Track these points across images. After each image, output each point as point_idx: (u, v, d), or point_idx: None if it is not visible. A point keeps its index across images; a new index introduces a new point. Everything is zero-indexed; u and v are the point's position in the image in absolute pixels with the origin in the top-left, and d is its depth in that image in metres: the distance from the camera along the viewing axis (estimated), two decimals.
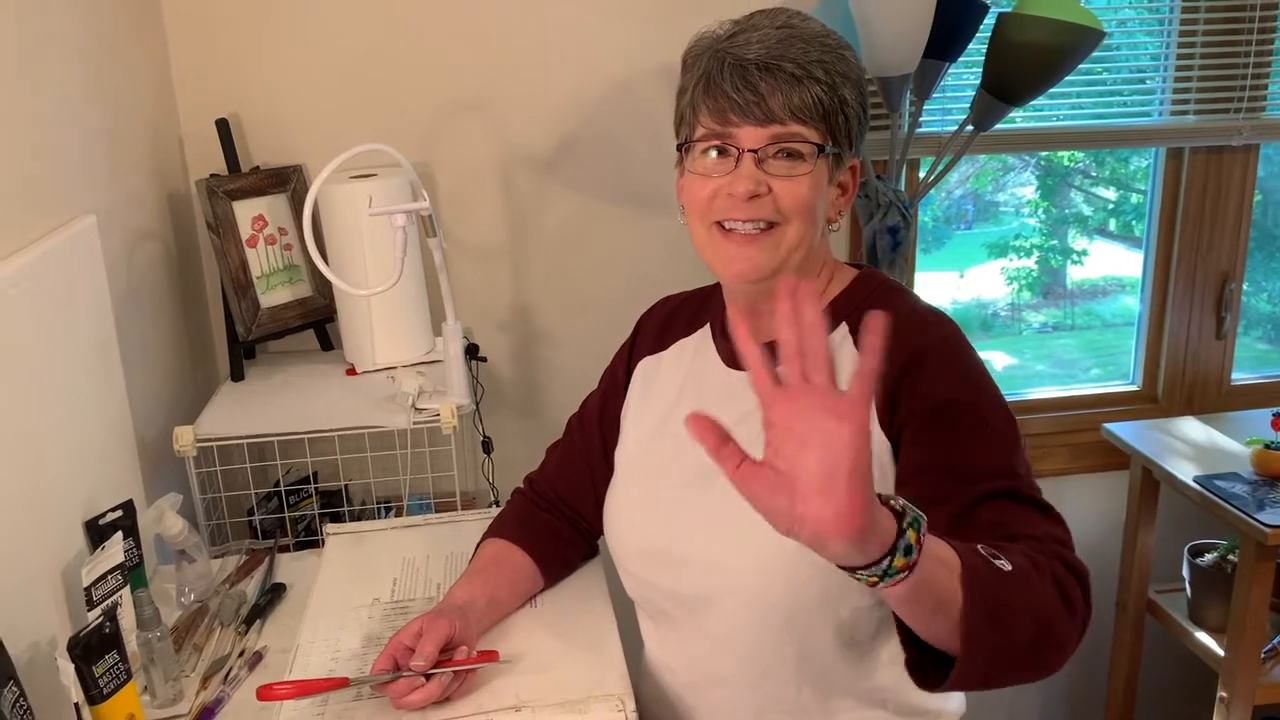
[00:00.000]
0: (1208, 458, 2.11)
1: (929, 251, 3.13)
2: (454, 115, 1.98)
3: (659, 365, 1.29)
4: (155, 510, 1.43)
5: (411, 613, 1.24)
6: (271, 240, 1.88)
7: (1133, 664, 2.32)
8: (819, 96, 1.05)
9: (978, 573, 0.86)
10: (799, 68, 1.04)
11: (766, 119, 1.05)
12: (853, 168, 1.13)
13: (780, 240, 1.08)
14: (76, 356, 1.37)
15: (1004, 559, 0.89)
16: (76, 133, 1.48)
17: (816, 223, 1.10)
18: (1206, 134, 2.24)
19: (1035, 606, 0.89)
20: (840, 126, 1.07)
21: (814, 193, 1.07)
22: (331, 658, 1.16)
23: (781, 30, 1.07)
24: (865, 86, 1.11)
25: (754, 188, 1.06)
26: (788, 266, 1.09)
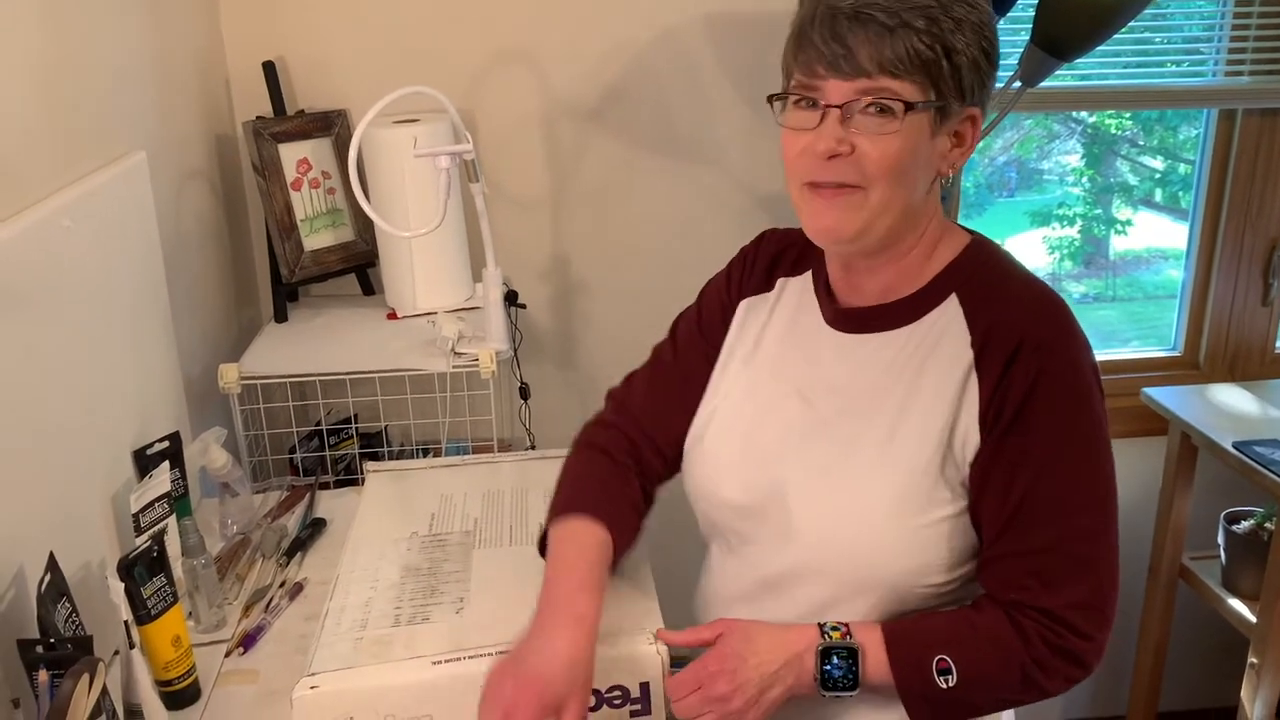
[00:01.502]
0: (1248, 424, 2.08)
1: (970, 218, 3.09)
2: (498, 62, 1.98)
3: (763, 306, 1.22)
4: (200, 443, 1.46)
5: (449, 546, 1.26)
6: (316, 184, 1.89)
7: (1163, 629, 2.31)
8: (913, 47, 0.97)
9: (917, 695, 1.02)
10: (891, 16, 0.96)
11: (854, 72, 0.98)
12: (972, 117, 1.03)
13: (864, 203, 1.02)
14: (126, 290, 1.40)
15: (952, 672, 1.01)
16: (129, 71, 1.50)
17: (910, 183, 1.02)
18: (1261, 95, 2.19)
19: (983, 702, 1.04)
20: (946, 77, 0.99)
21: (904, 152, 0.99)
22: (370, 586, 1.19)
23: None
24: (989, 30, 1.01)
25: (834, 146, 1.00)
26: (874, 230, 1.03)
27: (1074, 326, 1.04)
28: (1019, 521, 1.01)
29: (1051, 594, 1.00)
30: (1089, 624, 1.00)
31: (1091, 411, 1.02)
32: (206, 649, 1.26)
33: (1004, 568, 1.03)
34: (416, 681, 1.05)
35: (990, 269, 1.09)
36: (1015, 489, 1.01)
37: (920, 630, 1.04)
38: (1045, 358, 1.00)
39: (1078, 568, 1.01)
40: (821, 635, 1.04)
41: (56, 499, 1.16)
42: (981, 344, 1.03)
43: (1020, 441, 1.01)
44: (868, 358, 1.10)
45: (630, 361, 1.53)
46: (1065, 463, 1.01)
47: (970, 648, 1.01)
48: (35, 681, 0.96)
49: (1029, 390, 1.00)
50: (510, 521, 1.32)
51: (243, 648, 1.27)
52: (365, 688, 1.04)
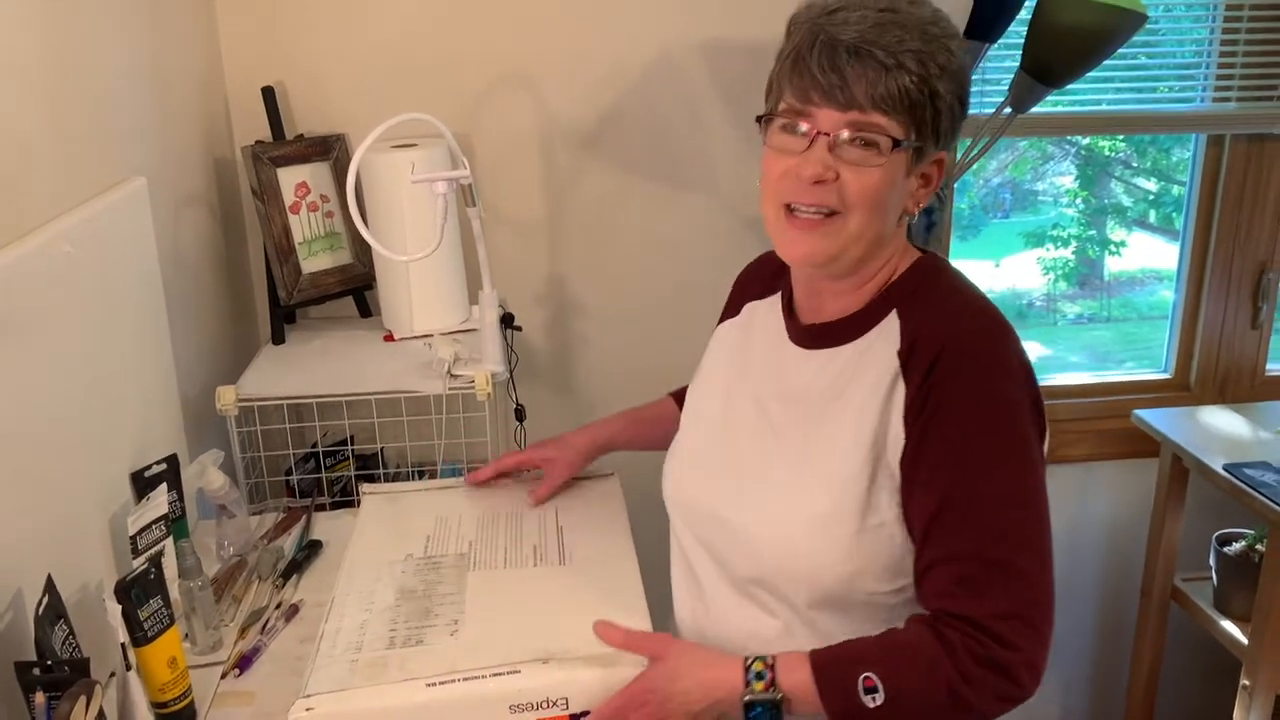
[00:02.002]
0: (1238, 446, 2.10)
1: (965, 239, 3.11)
2: (495, 87, 2.00)
3: (734, 328, 1.30)
4: (198, 465, 1.47)
5: (443, 568, 1.28)
6: (314, 207, 1.91)
7: (1156, 651, 2.32)
8: (906, 87, 1.01)
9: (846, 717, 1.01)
10: (889, 56, 1.01)
11: (848, 104, 1.02)
12: (938, 161, 1.10)
13: (841, 229, 1.07)
14: (125, 313, 1.41)
15: (879, 690, 0.99)
16: (129, 97, 1.52)
17: (884, 214, 1.07)
18: (1248, 121, 2.22)
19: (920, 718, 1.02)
20: (927, 120, 1.04)
21: (884, 185, 1.05)
22: (365, 609, 1.20)
23: (883, 14, 1.03)
24: (966, 79, 1.07)
25: (821, 172, 1.04)
26: (847, 256, 1.09)
27: (1000, 337, 1.07)
28: (939, 525, 1.03)
29: (976, 602, 1.00)
30: (1015, 634, 0.99)
31: (1011, 418, 1.04)
32: (203, 670, 1.27)
33: (932, 577, 1.04)
34: (411, 704, 1.06)
35: (929, 285, 1.13)
36: (935, 492, 1.03)
37: (846, 652, 1.04)
38: (965, 364, 1.04)
39: (1001, 574, 1.01)
40: (746, 684, 1.04)
41: (54, 520, 1.17)
42: (908, 351, 1.07)
43: (939, 445, 1.03)
44: (818, 371, 1.14)
45: (625, 383, 1.55)
46: (981, 467, 1.02)
47: (895, 664, 1.01)
48: (32, 704, 0.97)
49: (946, 394, 1.03)
50: (505, 544, 1.33)
51: (239, 669, 1.27)
52: (360, 709, 1.05)
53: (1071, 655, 2.54)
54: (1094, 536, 2.45)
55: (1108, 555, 2.46)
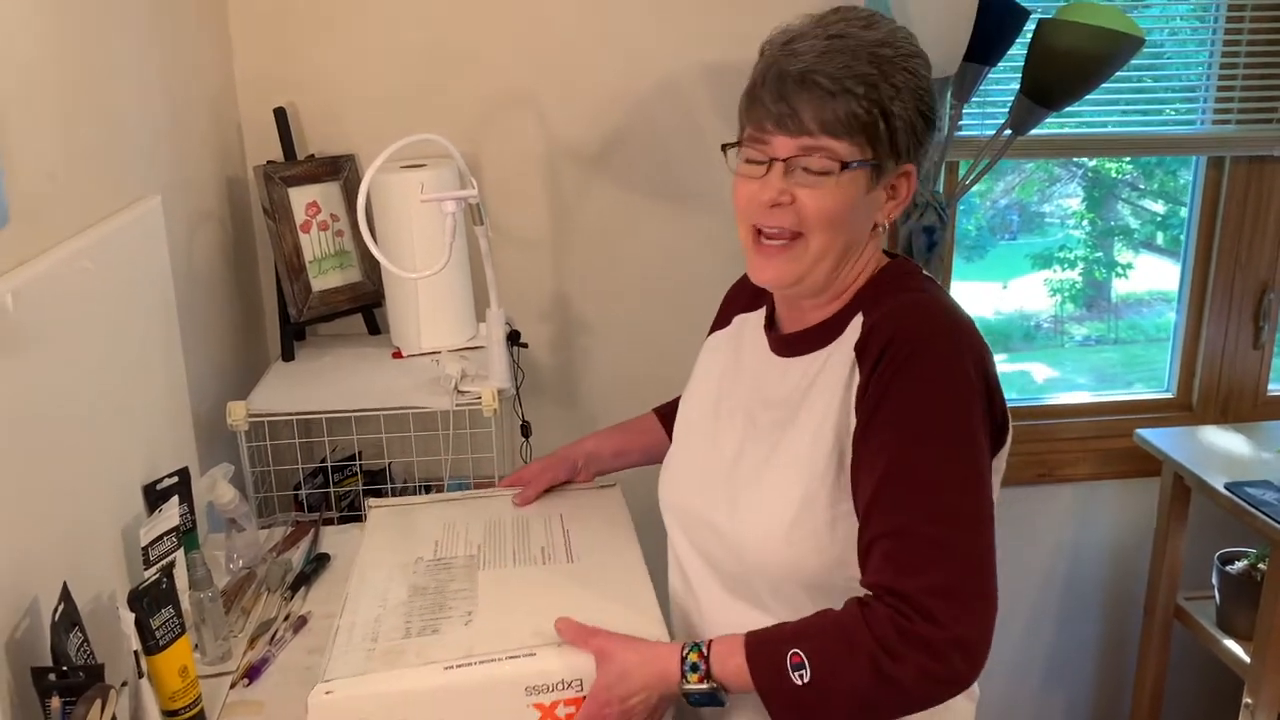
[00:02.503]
0: (1240, 466, 2.11)
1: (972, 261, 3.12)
2: (502, 109, 2.03)
3: (722, 339, 1.35)
4: (209, 479, 1.49)
5: (454, 569, 1.30)
6: (324, 226, 1.94)
7: (1159, 670, 2.33)
8: (852, 111, 1.06)
9: (775, 694, 1.04)
10: (834, 82, 1.06)
11: (798, 130, 1.08)
12: (906, 173, 1.14)
13: (804, 251, 1.12)
14: (140, 330, 1.44)
15: (805, 666, 1.02)
16: (145, 118, 1.56)
17: (845, 231, 1.12)
18: (1248, 143, 2.25)
19: (839, 699, 1.02)
20: (882, 138, 1.08)
21: (839, 204, 1.09)
22: (380, 605, 1.22)
23: (831, 41, 1.08)
24: (927, 95, 1.12)
25: (776, 196, 1.10)
26: (814, 275, 1.14)
27: (953, 331, 1.10)
28: (876, 506, 1.05)
29: (904, 577, 1.01)
30: (941, 610, 0.99)
31: (954, 404, 1.06)
32: (212, 680, 1.29)
33: (869, 554, 1.06)
34: (430, 687, 1.07)
35: (892, 287, 1.17)
36: (875, 471, 1.06)
37: (777, 631, 1.07)
38: (909, 352, 1.07)
39: (931, 550, 1.01)
40: (681, 675, 1.08)
41: (69, 530, 1.20)
42: (862, 344, 1.11)
43: (880, 428, 1.06)
44: (797, 377, 1.18)
45: (628, 398, 1.57)
46: (919, 449, 1.04)
47: (820, 639, 1.03)
48: (48, 708, 0.99)
49: (892, 378, 1.06)
50: (513, 546, 1.35)
51: (248, 679, 1.29)
52: (379, 693, 1.06)
53: (1075, 673, 2.55)
54: (1097, 555, 2.46)
55: (1111, 574, 2.47)
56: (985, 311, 3.07)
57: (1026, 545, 2.43)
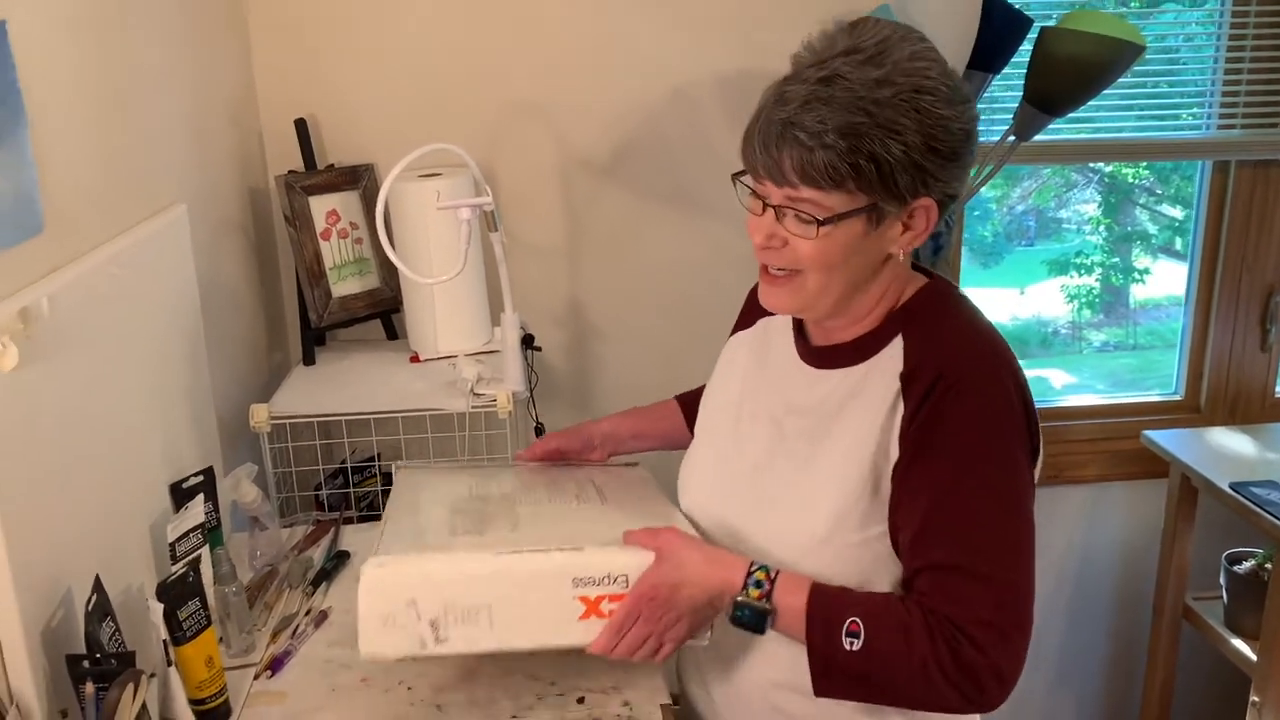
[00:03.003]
0: (1247, 466, 2.13)
1: (988, 267, 3.13)
2: (517, 119, 2.08)
3: (746, 341, 1.36)
4: (233, 478, 1.54)
5: (490, 502, 1.31)
6: (344, 234, 1.99)
7: (1168, 669, 2.34)
8: (832, 165, 1.04)
9: (820, 649, 1.07)
10: (813, 137, 1.04)
11: (782, 180, 1.08)
12: (923, 207, 1.10)
13: (803, 286, 1.13)
14: (166, 334, 1.49)
15: (860, 636, 1.05)
16: (171, 130, 1.61)
17: (845, 271, 1.12)
18: (1253, 147, 2.27)
19: (876, 683, 1.08)
20: (873, 182, 1.05)
21: (831, 249, 1.09)
22: (422, 518, 1.23)
23: (817, 87, 1.05)
24: (939, 130, 1.06)
25: (765, 240, 1.12)
26: (818, 307, 1.15)
27: (997, 362, 1.12)
28: (924, 539, 1.08)
29: (957, 606, 1.05)
30: (988, 640, 1.04)
31: (1002, 440, 1.09)
32: (237, 672, 1.33)
33: (917, 581, 1.09)
34: (479, 571, 1.08)
35: (934, 310, 1.17)
36: (923, 504, 1.08)
37: (844, 594, 1.10)
38: (959, 388, 1.08)
39: (982, 586, 1.05)
40: (744, 586, 1.10)
41: (101, 527, 1.24)
42: (909, 375, 1.12)
43: (926, 464, 1.08)
44: (828, 391, 1.19)
45: (641, 400, 1.60)
46: (968, 486, 1.07)
47: (883, 622, 1.06)
48: (82, 694, 1.03)
49: (939, 415, 1.08)
50: (547, 494, 1.36)
51: (271, 671, 1.34)
52: (430, 571, 1.08)
53: (1085, 673, 2.56)
54: (1106, 556, 2.48)
55: (1120, 574, 2.49)
56: (1002, 318, 3.07)
57: (1036, 547, 2.45)
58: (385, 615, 1.08)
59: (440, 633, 1.08)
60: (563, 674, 1.31)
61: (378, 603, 1.08)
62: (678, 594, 1.10)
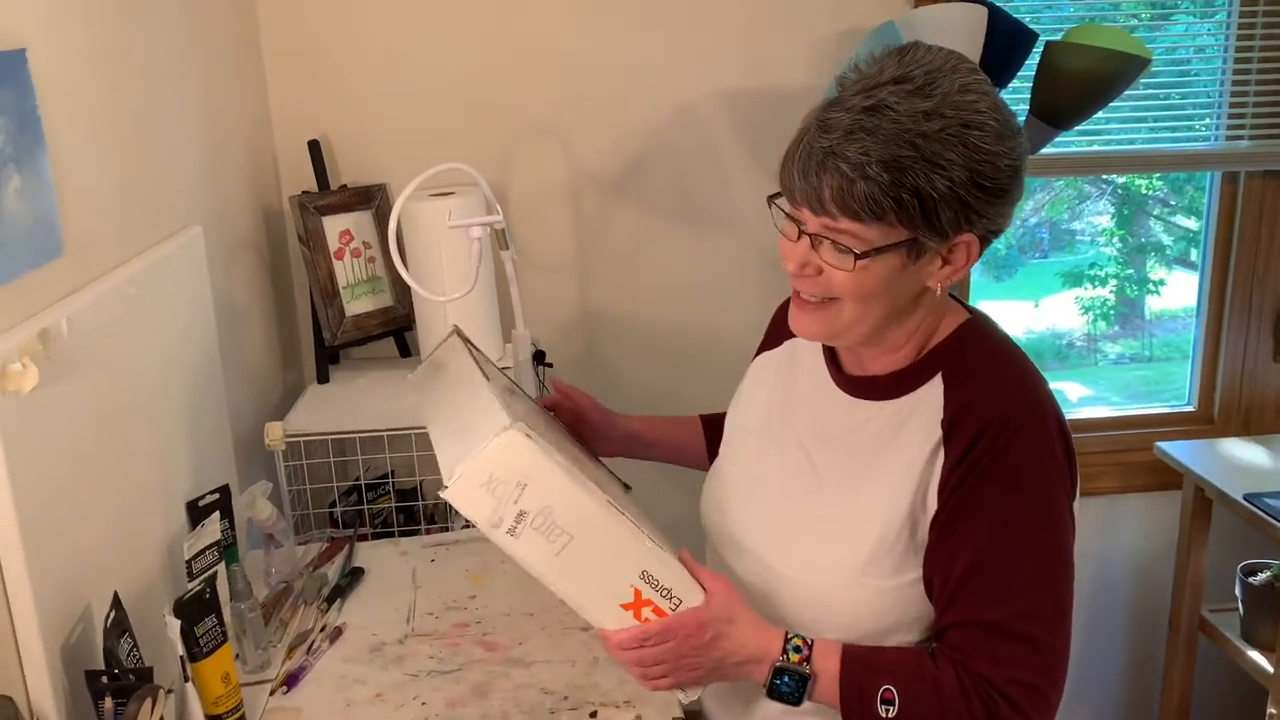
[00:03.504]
0: (1261, 477, 2.13)
1: (1002, 280, 3.12)
2: (527, 139, 2.10)
3: (773, 360, 1.32)
4: (248, 495, 1.56)
5: (563, 439, 1.27)
6: (357, 253, 2.01)
7: (1185, 682, 2.33)
8: (873, 197, 1.00)
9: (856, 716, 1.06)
10: (855, 168, 1.00)
11: (820, 210, 1.04)
12: (964, 243, 1.06)
13: (838, 315, 1.09)
14: (183, 354, 1.51)
15: (894, 704, 1.04)
16: (185, 152, 1.63)
17: (881, 302, 1.08)
18: (1262, 158, 2.27)
19: None
20: (917, 218, 1.01)
21: (867, 282, 1.05)
22: (492, 391, 1.17)
23: (862, 116, 1.01)
24: (987, 165, 1.02)
25: (798, 269, 1.08)
26: (851, 334, 1.11)
27: (1043, 411, 1.08)
28: (965, 592, 1.06)
29: (995, 667, 1.04)
30: (1026, 701, 1.03)
31: (1048, 496, 1.06)
32: (253, 688, 1.34)
33: (953, 634, 1.07)
34: (587, 504, 1.05)
35: (975, 350, 1.13)
36: (961, 560, 1.06)
37: (876, 657, 1.09)
38: (1006, 440, 1.05)
39: (1022, 647, 1.04)
40: (783, 652, 1.08)
41: (119, 544, 1.26)
42: (952, 421, 1.08)
43: (971, 517, 1.06)
44: (861, 423, 1.16)
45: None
46: (1013, 544, 1.05)
47: (917, 686, 1.05)
48: (101, 708, 1.05)
49: (984, 470, 1.05)
50: (592, 465, 1.32)
51: (286, 687, 1.35)
52: (556, 474, 1.04)
53: (1102, 687, 2.55)
54: (1121, 568, 2.47)
55: (1135, 587, 2.48)
56: (1017, 331, 3.06)
57: None
58: (493, 478, 1.03)
59: (520, 526, 1.04)
60: (575, 688, 1.32)
61: (498, 464, 1.02)
62: (716, 643, 1.09)
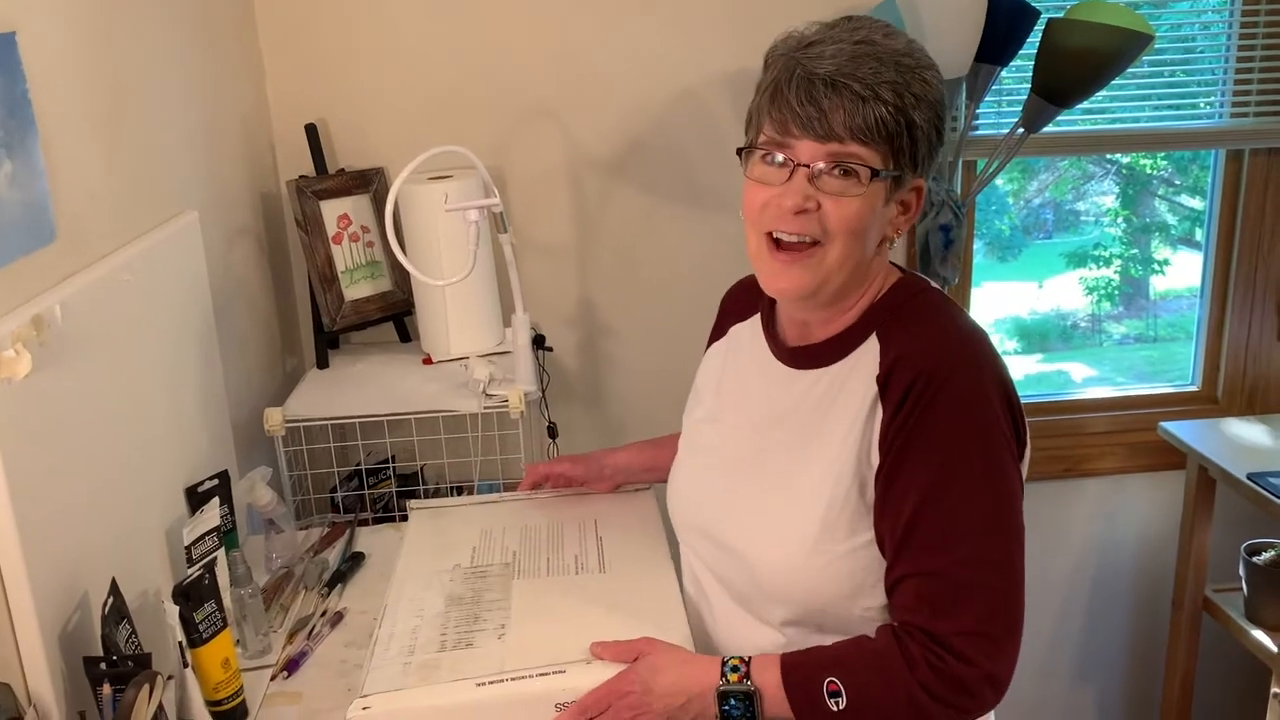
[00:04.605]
0: (1264, 456, 2.12)
1: (1006, 261, 3.12)
2: (526, 122, 2.09)
3: (716, 352, 1.35)
4: (248, 481, 1.55)
5: (489, 577, 1.34)
6: (355, 237, 2.01)
7: (1189, 662, 2.33)
8: (883, 117, 1.04)
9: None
10: (865, 87, 1.03)
11: (826, 135, 1.04)
12: (917, 188, 1.12)
13: (822, 260, 1.09)
14: (180, 340, 1.50)
15: (842, 695, 1.04)
16: (182, 137, 1.62)
17: (863, 243, 1.10)
18: (1266, 135, 2.25)
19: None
20: (904, 149, 1.06)
21: (864, 213, 1.07)
22: (417, 615, 1.26)
23: (858, 46, 1.05)
24: (943, 109, 1.09)
25: (801, 203, 1.06)
26: (828, 286, 1.11)
27: (978, 362, 1.09)
28: (908, 546, 1.06)
29: (939, 619, 1.04)
30: (974, 650, 1.03)
31: (986, 444, 1.06)
32: (253, 673, 1.34)
33: (900, 591, 1.08)
34: (462, 702, 1.11)
35: (908, 306, 1.15)
36: (904, 513, 1.06)
37: (813, 656, 1.09)
38: (938, 390, 1.06)
39: (964, 594, 1.04)
40: (721, 676, 1.09)
41: (117, 531, 1.26)
42: (886, 375, 1.10)
43: (910, 469, 1.07)
44: (803, 392, 1.17)
45: (652, 401, 1.61)
46: (952, 491, 1.05)
47: (859, 670, 1.06)
48: (99, 695, 1.05)
49: (919, 419, 1.06)
50: (547, 555, 1.39)
51: (287, 671, 1.35)
52: (414, 708, 1.11)
53: (1105, 666, 2.55)
54: (1125, 549, 2.47)
55: (1139, 567, 2.48)
56: (1020, 311, 3.05)
57: (1054, 541, 2.45)
58: None
59: None
60: None
61: None
62: (650, 694, 1.10)
